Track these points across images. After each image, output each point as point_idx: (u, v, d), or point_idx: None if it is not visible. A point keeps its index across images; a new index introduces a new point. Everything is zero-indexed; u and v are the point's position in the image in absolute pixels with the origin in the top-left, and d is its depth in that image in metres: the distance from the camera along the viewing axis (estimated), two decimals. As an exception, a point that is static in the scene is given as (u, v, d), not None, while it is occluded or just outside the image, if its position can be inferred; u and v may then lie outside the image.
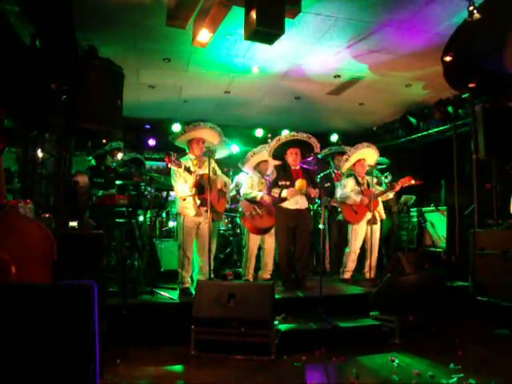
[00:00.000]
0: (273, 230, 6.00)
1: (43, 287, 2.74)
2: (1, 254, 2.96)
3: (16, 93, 4.15)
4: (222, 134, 5.52)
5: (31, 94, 4.30)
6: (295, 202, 5.65)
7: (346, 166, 6.43)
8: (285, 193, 5.55)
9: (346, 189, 6.35)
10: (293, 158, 5.72)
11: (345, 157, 6.36)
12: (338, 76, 7.03)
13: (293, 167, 5.75)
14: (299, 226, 5.69)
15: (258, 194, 5.84)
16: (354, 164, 6.35)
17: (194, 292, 5.03)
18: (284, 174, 5.73)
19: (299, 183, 5.47)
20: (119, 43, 5.82)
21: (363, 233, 6.25)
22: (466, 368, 3.72)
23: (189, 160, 5.40)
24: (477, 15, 4.45)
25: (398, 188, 6.23)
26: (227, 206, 6.50)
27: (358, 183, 6.37)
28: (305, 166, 5.89)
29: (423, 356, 4.12)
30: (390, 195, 6.43)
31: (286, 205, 5.65)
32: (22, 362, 2.47)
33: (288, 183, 5.58)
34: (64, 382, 2.54)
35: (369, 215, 6.14)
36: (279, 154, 5.78)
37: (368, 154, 6.34)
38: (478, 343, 4.54)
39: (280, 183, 5.62)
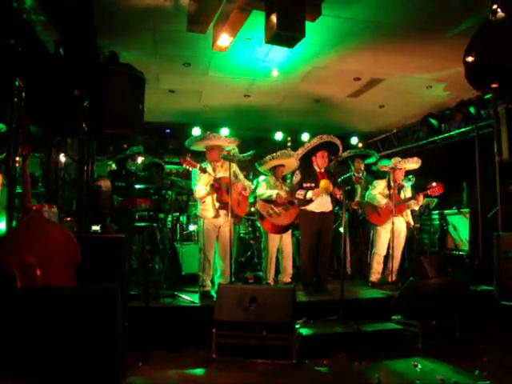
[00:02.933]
0: (290, 231, 6.00)
1: (68, 290, 2.78)
2: (26, 258, 3.01)
3: (40, 99, 4.24)
4: (234, 139, 5.59)
5: (55, 100, 4.38)
6: (320, 204, 5.66)
7: (384, 169, 6.40)
8: (310, 194, 5.56)
9: (375, 190, 6.32)
10: (324, 160, 5.77)
11: (392, 166, 6.23)
12: (358, 78, 7.00)
13: (318, 169, 5.77)
14: (323, 229, 5.70)
15: (273, 192, 5.82)
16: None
17: (214, 295, 5.06)
18: (309, 175, 5.74)
19: (323, 183, 5.49)
20: (140, 49, 5.89)
21: (387, 235, 6.19)
22: (491, 375, 3.64)
23: (208, 164, 5.50)
24: (501, 14, 4.38)
25: (421, 200, 6.16)
26: (248, 210, 6.51)
27: (388, 187, 6.31)
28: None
29: (447, 361, 4.06)
30: (415, 207, 6.31)
31: (311, 208, 5.66)
32: (47, 362, 2.51)
33: (313, 185, 5.61)
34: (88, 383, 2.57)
35: (394, 219, 6.09)
36: (307, 155, 5.82)
37: (411, 166, 6.30)
38: (504, 349, 4.44)
39: (305, 185, 5.64)
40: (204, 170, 5.22)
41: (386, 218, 6.16)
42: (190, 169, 5.21)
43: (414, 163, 6.23)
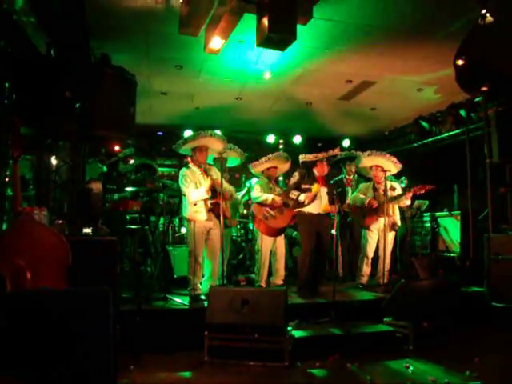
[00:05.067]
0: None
1: (59, 293, 2.76)
2: (16, 261, 2.99)
3: (31, 101, 4.21)
4: (224, 139, 5.55)
5: (46, 102, 4.36)
6: (319, 206, 5.68)
7: (357, 166, 6.64)
8: (302, 197, 5.57)
9: (359, 192, 6.42)
10: (325, 168, 5.83)
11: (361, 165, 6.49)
12: (350, 81, 7.02)
13: (318, 174, 5.81)
14: (322, 230, 5.73)
15: (269, 196, 5.83)
16: (371, 168, 6.37)
17: (204, 298, 5.05)
18: (309, 178, 5.78)
19: (315, 187, 5.53)
20: (132, 51, 5.87)
21: (375, 237, 6.24)
22: (482, 376, 3.66)
23: (196, 167, 5.51)
24: (489, 18, 4.42)
25: (409, 195, 6.18)
26: (240, 212, 6.53)
27: (374, 189, 6.36)
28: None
29: (438, 363, 4.08)
30: (407, 202, 6.35)
31: (309, 209, 5.68)
32: (37, 365, 2.50)
33: (312, 187, 5.66)
34: (79, 388, 2.56)
35: (381, 220, 6.14)
36: (310, 162, 5.86)
37: (383, 163, 6.26)
38: (495, 350, 4.48)
39: (303, 186, 5.67)
40: (206, 173, 5.26)
41: (372, 220, 6.21)
42: (192, 166, 5.28)
43: (385, 160, 6.22)
